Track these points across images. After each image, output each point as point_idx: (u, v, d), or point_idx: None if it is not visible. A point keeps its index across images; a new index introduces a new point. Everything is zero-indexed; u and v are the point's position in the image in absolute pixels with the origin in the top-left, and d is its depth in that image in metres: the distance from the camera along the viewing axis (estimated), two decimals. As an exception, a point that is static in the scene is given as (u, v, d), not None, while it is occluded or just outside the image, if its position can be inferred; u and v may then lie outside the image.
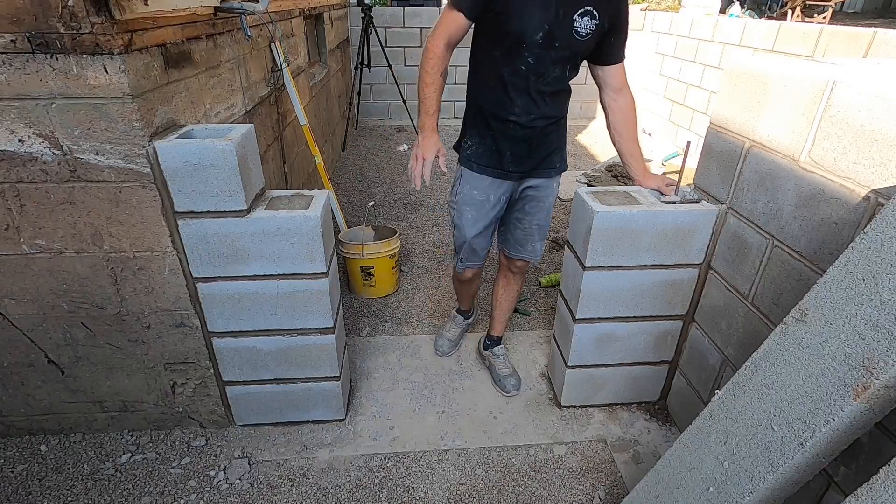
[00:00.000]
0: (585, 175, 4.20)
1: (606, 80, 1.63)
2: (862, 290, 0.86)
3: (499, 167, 1.64)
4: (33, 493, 1.55)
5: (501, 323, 2.08)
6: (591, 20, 1.43)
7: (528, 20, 1.41)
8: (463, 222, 1.75)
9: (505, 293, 2.02)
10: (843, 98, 1.10)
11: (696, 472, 1.13)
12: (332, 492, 1.58)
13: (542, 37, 1.43)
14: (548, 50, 1.45)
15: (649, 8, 7.19)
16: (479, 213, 1.73)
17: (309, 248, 1.47)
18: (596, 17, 1.43)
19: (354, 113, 5.45)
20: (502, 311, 2.06)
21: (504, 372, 2.03)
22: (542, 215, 1.79)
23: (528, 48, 1.45)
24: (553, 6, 1.40)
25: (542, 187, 1.74)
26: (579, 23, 1.42)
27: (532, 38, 1.43)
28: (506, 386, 1.99)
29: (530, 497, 1.58)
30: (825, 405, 0.88)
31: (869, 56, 3.02)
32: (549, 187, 1.75)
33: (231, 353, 1.63)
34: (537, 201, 1.76)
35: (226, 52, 1.81)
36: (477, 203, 1.71)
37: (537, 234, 1.82)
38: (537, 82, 1.50)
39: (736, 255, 1.48)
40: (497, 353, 2.07)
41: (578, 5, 1.40)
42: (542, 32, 1.42)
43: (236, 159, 1.32)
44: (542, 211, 1.78)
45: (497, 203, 1.72)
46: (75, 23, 1.12)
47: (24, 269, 1.42)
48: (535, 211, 1.77)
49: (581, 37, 1.45)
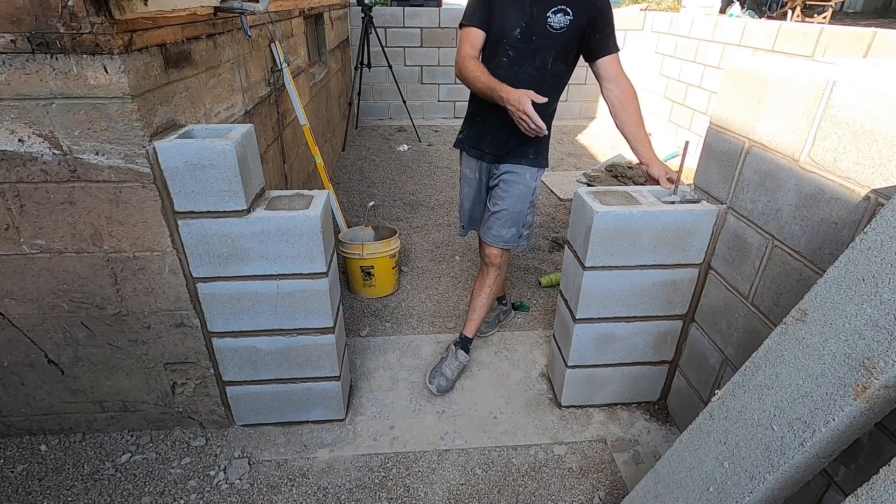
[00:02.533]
0: (585, 175, 4.20)
1: (601, 73, 1.77)
2: (862, 290, 0.86)
3: (478, 148, 1.91)
4: (33, 493, 1.55)
5: (472, 322, 2.04)
6: (564, 16, 1.64)
7: (507, 19, 1.67)
8: (463, 194, 2.07)
9: (479, 287, 2.03)
10: (843, 98, 1.10)
11: (696, 472, 1.13)
12: (332, 492, 1.58)
13: (519, 32, 1.67)
14: (526, 44, 1.68)
15: (649, 8, 7.18)
16: (470, 189, 2.02)
17: (309, 248, 1.47)
18: (569, 13, 1.64)
19: (354, 113, 5.45)
20: (473, 308, 2.04)
21: (446, 372, 1.96)
22: (509, 201, 1.86)
23: (507, 42, 1.69)
24: (528, 7, 1.64)
25: (513, 173, 1.86)
26: (552, 18, 1.64)
27: (511, 34, 1.68)
28: (434, 380, 1.94)
29: (530, 497, 1.58)
30: (825, 405, 0.88)
31: (869, 56, 3.02)
32: (520, 175, 1.85)
33: (231, 353, 1.63)
34: (507, 185, 1.87)
35: (226, 52, 1.81)
36: (469, 180, 2.01)
37: (504, 219, 1.88)
38: (518, 73, 1.71)
39: (736, 255, 1.48)
40: (458, 358, 2.00)
41: (552, 4, 1.63)
42: (518, 29, 1.66)
43: (236, 159, 1.32)
44: (509, 196, 1.86)
45: (477, 180, 1.98)
46: (75, 23, 1.12)
47: (24, 269, 1.42)
48: (504, 195, 1.87)
49: (555, 30, 1.65)
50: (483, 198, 2.01)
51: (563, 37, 1.66)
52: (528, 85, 1.62)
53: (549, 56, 1.70)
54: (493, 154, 1.88)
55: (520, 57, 1.70)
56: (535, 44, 1.67)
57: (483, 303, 2.03)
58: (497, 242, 1.92)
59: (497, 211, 1.89)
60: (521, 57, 1.70)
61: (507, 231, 1.90)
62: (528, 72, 1.71)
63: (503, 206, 1.87)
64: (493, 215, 1.91)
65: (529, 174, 1.86)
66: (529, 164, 1.85)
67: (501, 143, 1.84)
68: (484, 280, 2.02)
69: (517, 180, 1.86)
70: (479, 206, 2.04)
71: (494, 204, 1.91)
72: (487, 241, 1.94)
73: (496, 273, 1.99)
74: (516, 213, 1.88)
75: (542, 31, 1.65)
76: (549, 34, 1.65)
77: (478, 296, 2.03)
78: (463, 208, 2.10)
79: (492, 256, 1.96)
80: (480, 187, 1.99)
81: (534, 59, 1.69)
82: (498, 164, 1.89)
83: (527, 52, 1.69)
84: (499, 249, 1.94)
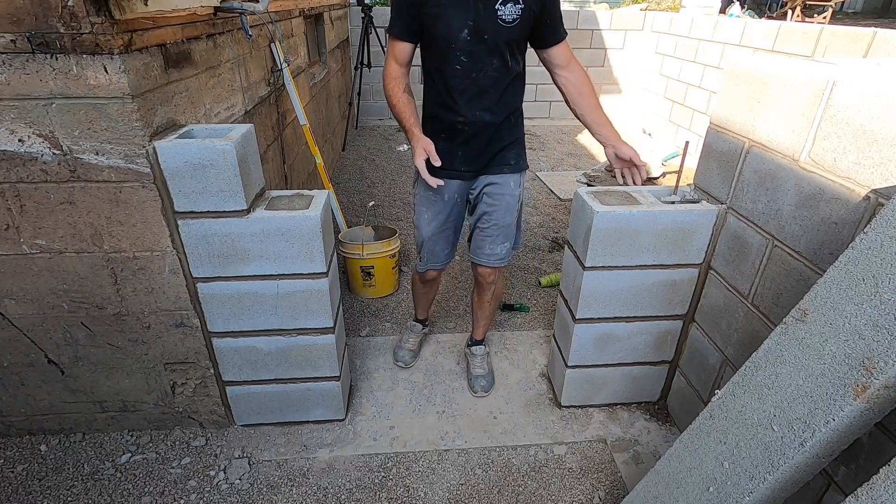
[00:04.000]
0: (585, 175, 4.20)
1: (552, 60, 1.63)
2: (862, 290, 0.86)
3: (450, 167, 1.62)
4: (33, 493, 1.55)
5: (481, 328, 2.07)
6: (514, 5, 1.45)
7: (451, 22, 1.46)
8: (420, 222, 1.79)
9: (478, 304, 1.99)
10: (843, 98, 1.10)
11: (696, 472, 1.13)
12: (332, 492, 1.58)
13: (468, 34, 1.47)
14: (478, 45, 1.48)
15: (649, 8, 7.19)
16: (433, 213, 1.75)
17: (309, 248, 1.47)
18: (520, 1, 1.46)
19: (354, 113, 5.45)
20: (477, 318, 2.05)
21: (477, 372, 2.01)
22: (498, 214, 1.72)
23: (457, 48, 1.49)
24: (472, 2, 1.44)
25: (498, 185, 1.70)
26: (503, 10, 1.45)
27: (458, 36, 1.47)
28: (474, 386, 1.97)
29: (530, 497, 1.58)
30: (825, 405, 0.88)
31: (869, 56, 3.02)
32: (504, 185, 1.70)
33: (231, 353, 1.63)
34: (493, 199, 1.71)
35: (226, 52, 1.81)
36: (430, 202, 1.73)
37: (495, 235, 1.75)
38: (477, 78, 1.53)
39: (736, 255, 1.48)
40: (475, 353, 2.05)
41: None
42: (466, 30, 1.46)
43: (236, 159, 1.32)
44: (498, 210, 1.72)
45: (451, 202, 1.73)
46: (75, 23, 1.12)
47: (24, 269, 1.42)
48: (491, 210, 1.72)
49: (508, 23, 1.47)
50: (455, 220, 1.79)
51: (518, 29, 1.48)
52: (493, 91, 1.53)
53: (506, 53, 1.52)
54: (472, 170, 1.68)
55: (475, 61, 1.50)
56: (489, 43, 1.48)
57: (487, 313, 2.02)
58: (492, 262, 1.80)
59: (487, 227, 1.75)
60: (476, 61, 1.50)
61: (500, 247, 1.78)
62: (489, 76, 1.53)
63: (493, 221, 1.73)
64: (482, 233, 1.77)
65: (514, 181, 1.71)
66: (511, 170, 1.69)
67: (476, 155, 1.65)
68: (482, 297, 1.95)
69: (502, 191, 1.70)
70: (445, 234, 1.80)
71: (483, 221, 1.75)
72: (481, 262, 1.81)
73: (493, 287, 1.92)
74: (507, 226, 1.75)
75: (494, 27, 1.46)
76: (503, 29, 1.47)
77: (479, 309, 2.01)
78: (422, 236, 1.79)
79: (486, 276, 1.85)
80: (454, 209, 1.76)
81: (491, 60, 1.51)
82: (477, 177, 1.71)
83: (482, 55, 1.50)
84: (492, 269, 1.83)
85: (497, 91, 1.56)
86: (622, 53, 5.88)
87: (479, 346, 2.07)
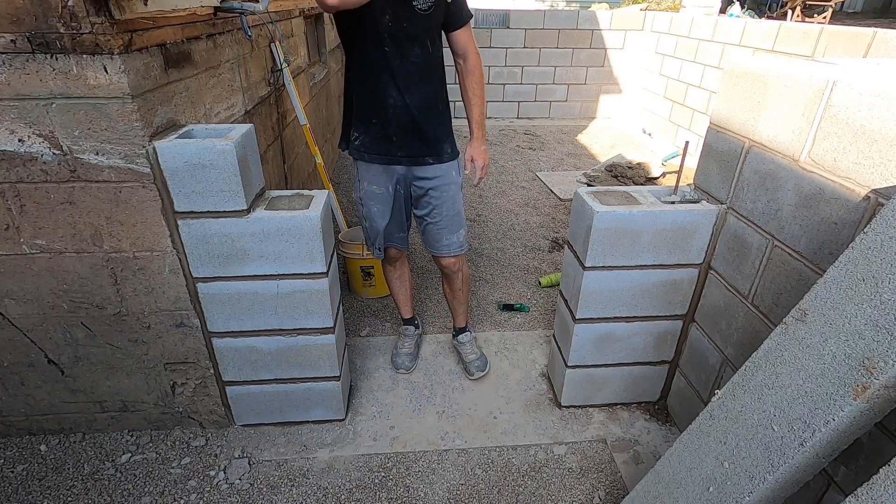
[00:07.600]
0: (585, 175, 4.20)
1: (452, 47, 1.71)
2: (862, 290, 0.86)
3: (387, 153, 1.68)
4: (33, 493, 1.55)
5: (461, 315, 2.13)
6: None
7: (375, 4, 1.49)
8: (372, 214, 1.81)
9: (451, 293, 2.06)
10: (843, 98, 1.10)
11: (696, 472, 1.13)
12: (332, 492, 1.58)
13: (389, 19, 1.53)
14: (400, 31, 1.55)
15: (649, 8, 7.20)
16: (384, 206, 1.79)
17: (309, 248, 1.47)
18: None
19: (354, 113, 5.43)
20: (455, 307, 2.11)
21: (469, 357, 2.08)
22: (447, 207, 1.78)
23: (383, 32, 1.54)
24: None
25: (439, 177, 1.74)
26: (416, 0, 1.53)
27: (381, 20, 1.53)
28: (469, 369, 2.05)
29: (530, 497, 1.58)
30: (825, 405, 0.88)
31: (869, 56, 3.02)
32: (446, 175, 1.75)
33: (231, 353, 1.63)
34: (438, 192, 1.76)
35: (226, 52, 1.81)
36: (377, 196, 1.77)
37: (449, 226, 1.82)
38: (403, 63, 1.59)
39: (736, 255, 1.48)
40: (462, 341, 2.13)
41: None
42: (387, 16, 1.52)
43: (236, 159, 1.32)
44: (445, 203, 1.78)
45: (395, 193, 1.78)
46: (75, 23, 1.12)
47: (24, 269, 1.42)
48: (439, 202, 1.77)
49: (423, 11, 1.54)
50: (402, 208, 1.81)
51: (433, 16, 1.56)
52: (418, 76, 1.60)
53: (426, 40, 1.59)
54: (410, 155, 1.69)
55: (399, 47, 1.56)
56: (409, 30, 1.55)
57: (462, 300, 2.07)
58: (453, 251, 1.87)
59: (438, 220, 1.80)
60: (400, 47, 1.56)
61: (456, 236, 1.85)
62: (414, 62, 1.59)
63: (443, 212, 1.79)
64: (436, 227, 1.82)
65: (454, 170, 1.77)
66: (449, 158, 1.74)
67: (411, 139, 1.66)
68: (453, 286, 2.02)
69: (445, 181, 1.75)
70: (397, 218, 1.83)
71: (432, 216, 1.80)
72: (442, 254, 1.88)
73: (461, 273, 1.98)
74: (456, 214, 1.81)
75: (411, 16, 1.53)
76: (419, 17, 1.54)
77: (452, 297, 2.07)
78: (377, 227, 1.82)
79: (451, 265, 1.91)
80: (396, 198, 1.78)
81: (413, 46, 1.57)
82: (415, 169, 1.73)
83: (404, 40, 1.56)
84: (455, 257, 1.90)
85: (421, 74, 1.61)
86: (622, 53, 5.88)
87: (464, 334, 2.14)
